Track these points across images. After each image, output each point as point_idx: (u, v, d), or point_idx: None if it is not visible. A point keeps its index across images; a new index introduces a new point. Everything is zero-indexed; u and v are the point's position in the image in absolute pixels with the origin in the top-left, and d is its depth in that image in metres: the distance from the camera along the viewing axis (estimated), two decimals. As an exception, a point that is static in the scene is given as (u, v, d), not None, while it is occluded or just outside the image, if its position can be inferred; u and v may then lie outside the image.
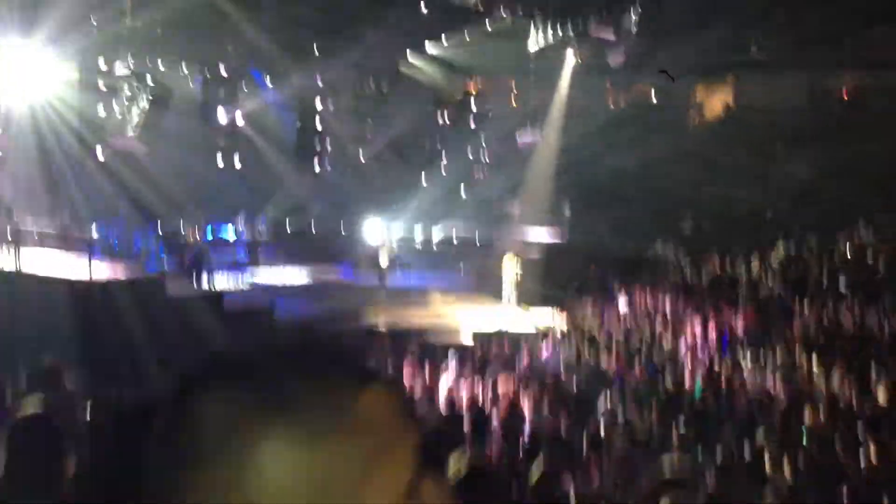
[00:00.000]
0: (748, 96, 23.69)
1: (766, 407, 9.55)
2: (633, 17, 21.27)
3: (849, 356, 10.97)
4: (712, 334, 13.25)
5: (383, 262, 20.21)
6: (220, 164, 22.75)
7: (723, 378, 10.93)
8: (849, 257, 16.18)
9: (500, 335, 15.17)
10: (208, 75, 21.91)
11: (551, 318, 16.54)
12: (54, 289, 13.96)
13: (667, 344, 12.97)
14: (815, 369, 10.62)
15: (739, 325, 13.82)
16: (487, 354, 13.64)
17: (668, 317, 14.59)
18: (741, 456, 7.91)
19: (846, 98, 23.07)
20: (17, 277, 14.96)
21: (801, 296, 14.25)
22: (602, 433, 8.91)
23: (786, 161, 20.96)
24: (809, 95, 22.96)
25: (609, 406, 9.59)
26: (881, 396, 9.41)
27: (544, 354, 13.35)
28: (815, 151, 20.27)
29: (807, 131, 21.08)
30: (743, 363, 11.47)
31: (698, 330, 13.35)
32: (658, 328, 13.94)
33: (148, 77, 19.44)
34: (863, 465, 7.30)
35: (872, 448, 7.33)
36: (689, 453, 8.27)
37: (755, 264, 16.69)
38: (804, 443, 7.96)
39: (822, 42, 20.75)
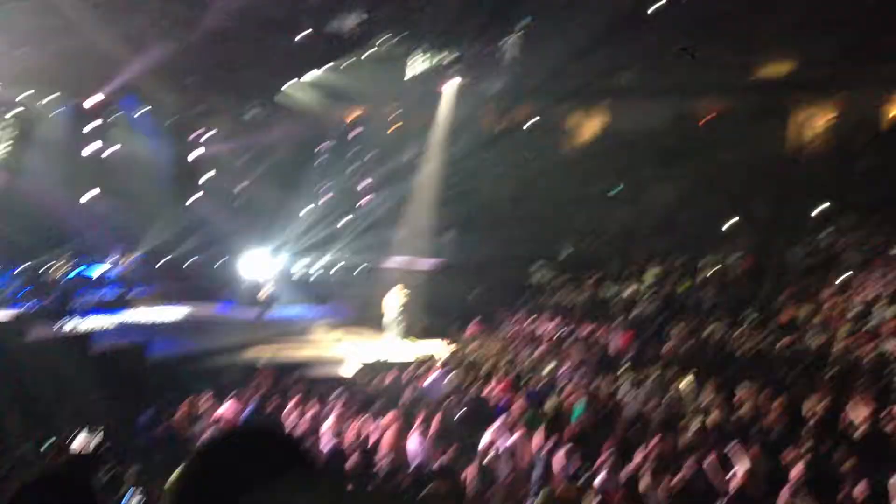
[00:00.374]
0: (617, 121, 24.61)
1: (640, 428, 9.81)
2: (512, 44, 21.80)
3: (715, 372, 11.47)
4: (591, 356, 13.58)
5: (263, 295, 19.76)
6: (89, 198, 21.72)
7: (601, 400, 11.21)
8: (710, 275, 16.99)
9: (383, 367, 15.04)
10: (77, 105, 20.97)
11: (435, 347, 16.55)
12: None
13: (547, 369, 13.18)
14: (684, 388, 11.01)
15: (617, 345, 14.24)
16: (371, 387, 13.51)
17: (548, 341, 14.86)
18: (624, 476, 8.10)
19: (705, 120, 24.34)
20: None
21: (670, 315, 14.83)
22: (487, 463, 8.97)
23: (653, 182, 21.86)
24: (673, 119, 24.10)
25: (492, 436, 9.62)
26: (745, 408, 9.87)
27: (427, 384, 13.30)
28: (680, 172, 21.24)
29: (670, 153, 22.05)
30: (620, 383, 11.78)
31: (577, 352, 13.65)
32: (539, 352, 14.16)
33: (11, 109, 18.42)
34: (731, 484, 7.58)
35: (740, 468, 7.64)
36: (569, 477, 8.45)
37: (628, 285, 17.28)
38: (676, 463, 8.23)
39: (684, 67, 21.84)
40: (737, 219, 19.20)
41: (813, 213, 18.59)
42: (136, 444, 10.06)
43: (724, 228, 18.98)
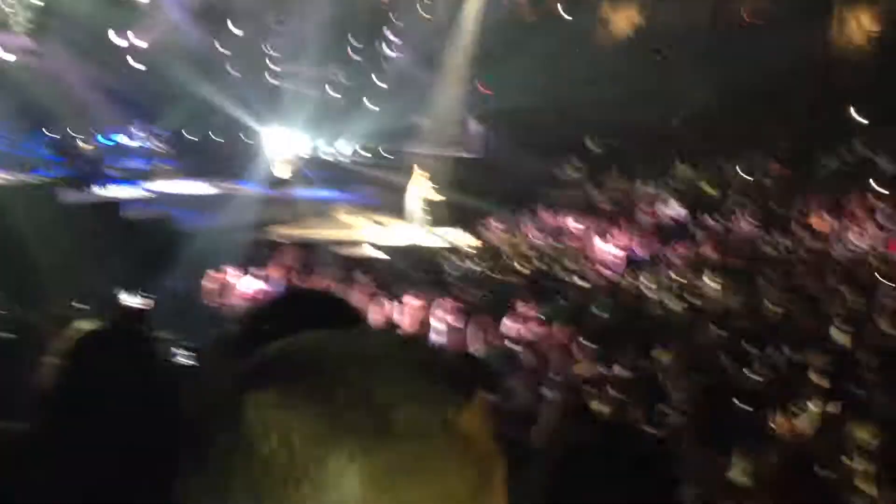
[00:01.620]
0: (655, 14, 23.83)
1: (663, 325, 9.94)
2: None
3: (740, 274, 11.53)
4: (616, 253, 13.64)
5: (287, 174, 19.75)
6: (118, 68, 21.45)
7: (625, 295, 11.33)
8: (745, 179, 16.84)
9: (406, 250, 15.19)
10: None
11: (458, 236, 16.63)
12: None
13: (572, 262, 13.26)
14: (710, 286, 11.09)
15: (641, 243, 14.27)
16: (394, 269, 13.70)
17: (574, 235, 14.91)
18: (641, 372, 8.25)
19: (747, 20, 23.53)
20: None
21: (697, 216, 14.80)
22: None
23: (688, 82, 21.34)
24: (712, 16, 23.31)
25: (512, 323, 9.79)
26: (770, 313, 9.97)
27: (449, 267, 13.45)
28: (717, 72, 20.70)
29: (708, 53, 21.43)
30: (643, 281, 11.87)
31: (602, 248, 13.71)
32: (563, 246, 14.23)
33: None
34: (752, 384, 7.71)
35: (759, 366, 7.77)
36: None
37: (656, 184, 17.17)
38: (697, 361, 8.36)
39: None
40: (772, 123, 18.81)
41: (851, 120, 18.17)
42: (168, 310, 10.28)
43: (758, 132, 18.62)
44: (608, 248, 13.90)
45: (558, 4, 24.69)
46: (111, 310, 7.36)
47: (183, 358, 4.88)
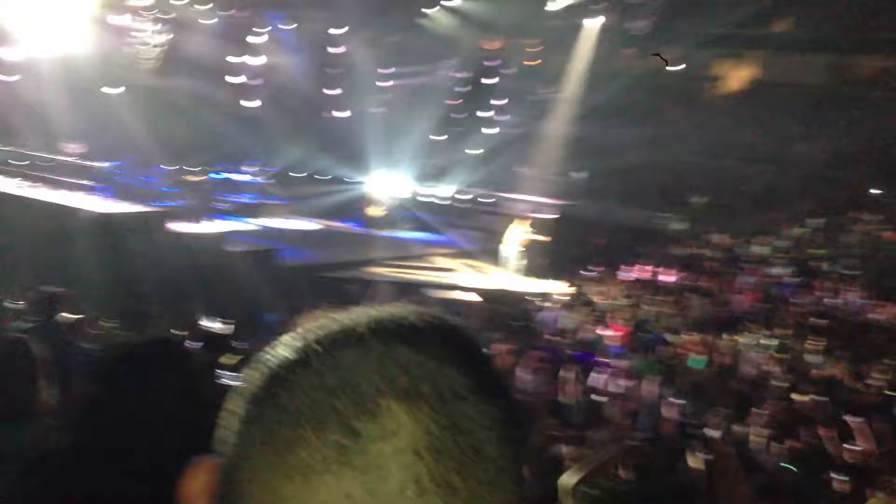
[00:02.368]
0: (767, 72, 23.38)
1: (760, 386, 9.57)
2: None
3: (847, 341, 11.00)
4: (714, 311, 13.26)
5: (388, 215, 20.18)
6: (233, 107, 22.57)
7: (722, 355, 10.97)
8: (854, 242, 16.14)
9: (500, 297, 15.19)
10: (227, 16, 21.67)
11: (553, 286, 16.52)
12: (61, 217, 14.00)
13: (668, 317, 12.97)
14: (810, 352, 10.63)
15: (742, 302, 13.84)
16: (486, 315, 13.68)
17: (671, 291, 14.58)
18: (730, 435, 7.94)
19: (868, 80, 22.77)
20: (25, 203, 15.00)
21: (805, 279, 14.24)
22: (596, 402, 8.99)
23: (800, 140, 20.77)
24: (831, 75, 22.70)
25: (603, 377, 9.62)
26: (875, 383, 9.44)
27: (543, 317, 13.36)
28: (830, 131, 20.09)
29: (822, 111, 20.84)
30: (742, 341, 11.49)
31: (700, 305, 13.35)
32: (660, 301, 13.94)
33: (167, 12, 19.21)
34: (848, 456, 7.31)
35: (862, 442, 7.35)
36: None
37: (762, 244, 16.65)
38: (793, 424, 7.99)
39: (849, 21, 20.52)
40: (886, 186, 18.05)
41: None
42: (261, 341, 10.58)
43: (871, 194, 17.88)
44: (706, 306, 13.53)
45: (667, 60, 24.55)
46: (195, 334, 7.64)
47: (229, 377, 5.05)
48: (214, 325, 8.93)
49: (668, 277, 15.74)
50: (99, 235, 13.34)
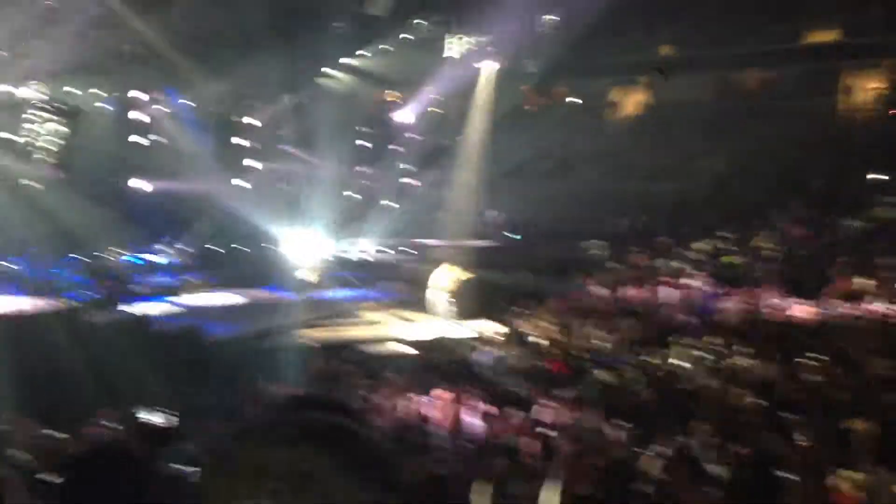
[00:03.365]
0: (661, 94, 24.33)
1: (699, 398, 9.77)
2: (547, 22, 21.67)
3: (774, 343, 11.37)
4: (643, 329, 13.53)
5: (311, 276, 19.96)
6: (136, 187, 22.12)
7: (657, 372, 11.18)
8: (766, 247, 16.76)
9: (434, 345, 15.15)
10: (119, 97, 21.34)
11: (484, 326, 16.59)
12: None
13: (601, 341, 13.16)
14: (742, 358, 10.93)
15: (669, 318, 14.16)
16: (422, 364, 13.62)
17: (600, 315, 14.82)
18: (680, 447, 8.06)
19: (753, 91, 23.95)
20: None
21: (725, 287, 14.69)
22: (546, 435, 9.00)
23: (700, 156, 21.60)
24: (718, 90, 23.83)
25: (548, 409, 9.66)
26: (808, 379, 9.77)
27: (479, 359, 13.37)
28: (727, 144, 20.97)
29: (717, 126, 21.77)
30: (674, 355, 11.73)
31: (629, 325, 13.61)
32: (591, 326, 14.14)
33: (59, 101, 18.78)
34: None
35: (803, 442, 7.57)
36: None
37: (678, 259, 17.13)
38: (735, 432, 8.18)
39: (728, 38, 21.64)
40: (786, 191, 18.90)
41: (866, 184, 18.22)
42: (200, 426, 10.27)
43: (774, 201, 18.67)
44: (635, 325, 13.80)
45: (566, 90, 25.33)
46: (134, 428, 7.37)
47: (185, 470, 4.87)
48: (154, 418, 8.60)
49: (595, 302, 16.02)
50: (14, 336, 12.78)
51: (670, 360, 11.58)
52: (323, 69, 23.86)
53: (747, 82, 23.93)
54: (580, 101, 25.31)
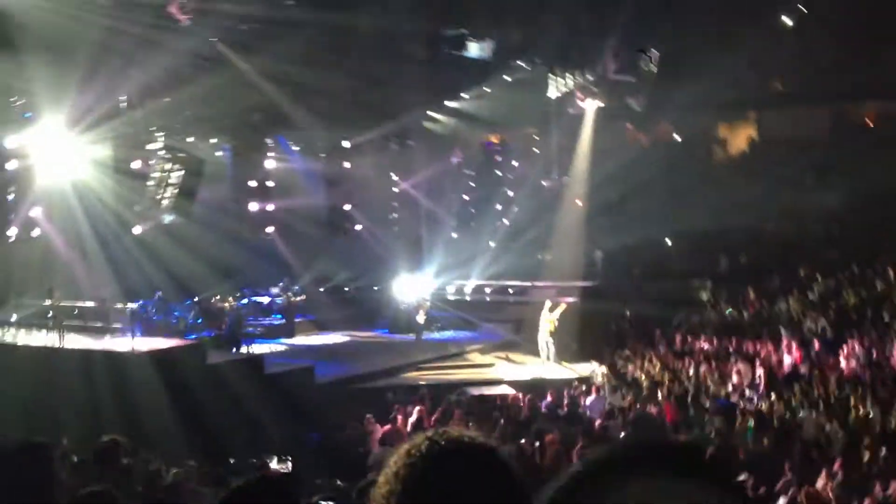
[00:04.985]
0: (770, 130, 23.68)
1: (823, 448, 9.36)
2: (651, 59, 21.45)
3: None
4: (758, 373, 13.06)
5: (419, 318, 20.24)
6: (252, 232, 22.99)
7: (775, 419, 10.77)
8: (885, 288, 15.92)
9: (540, 387, 15.04)
10: (236, 145, 22.30)
11: (591, 368, 16.38)
12: (96, 362, 14.12)
13: (713, 386, 12.79)
14: (868, 407, 10.41)
15: (785, 362, 13.63)
16: (528, 408, 13.54)
17: (711, 358, 14.42)
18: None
19: (871, 126, 22.98)
20: (59, 353, 15.15)
21: (845, 330, 14.05)
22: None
23: (813, 192, 20.83)
24: (832, 125, 22.97)
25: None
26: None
27: (587, 404, 13.20)
28: (842, 180, 20.14)
29: (830, 161, 20.98)
30: (793, 402, 11.28)
31: (743, 370, 13.17)
32: (702, 371, 13.76)
33: (179, 152, 19.79)
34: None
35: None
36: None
37: (795, 299, 16.50)
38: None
39: (842, 71, 20.86)
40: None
41: None
42: (310, 464, 10.52)
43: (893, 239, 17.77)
44: (748, 370, 13.34)
45: (670, 126, 24.95)
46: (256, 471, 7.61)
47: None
48: (274, 464, 8.86)
49: (706, 344, 15.59)
50: (135, 376, 13.42)
51: (791, 407, 11.14)
52: (426, 112, 24.30)
53: (861, 117, 23.00)
54: (685, 138, 24.88)
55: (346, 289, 22.93)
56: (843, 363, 12.73)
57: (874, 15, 19.28)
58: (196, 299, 19.71)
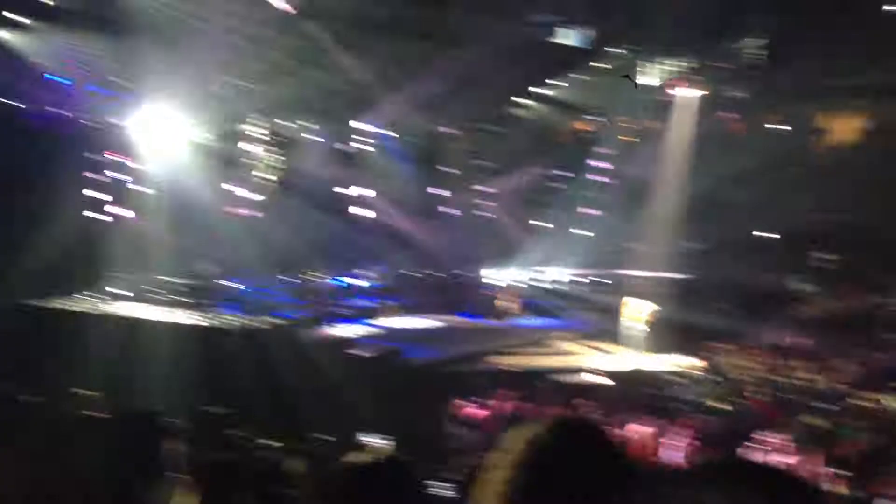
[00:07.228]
0: (880, 120, 22.59)
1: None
2: (752, 45, 20.73)
3: None
4: (862, 370, 12.57)
5: (507, 305, 20.23)
6: (341, 213, 23.38)
7: (878, 415, 10.35)
8: None
9: (628, 377, 14.83)
10: (330, 126, 22.70)
11: (682, 361, 16.05)
12: (194, 338, 14.68)
13: (812, 383, 12.37)
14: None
15: (887, 359, 13.08)
16: (618, 396, 13.36)
17: (814, 354, 13.94)
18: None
19: None
20: (159, 326, 15.81)
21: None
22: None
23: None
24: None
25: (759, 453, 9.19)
26: None
27: (682, 394, 12.95)
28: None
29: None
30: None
31: (847, 366, 12.68)
32: (800, 367, 13.32)
33: (275, 133, 20.30)
34: None
35: None
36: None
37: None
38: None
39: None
40: None
41: None
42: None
43: None
44: (849, 366, 12.84)
45: (771, 116, 24.07)
46: (353, 447, 7.69)
47: (439, 489, 5.03)
48: (375, 441, 8.98)
49: (804, 340, 15.07)
50: (245, 351, 13.87)
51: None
52: (516, 99, 24.13)
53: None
54: (787, 128, 23.97)
55: (437, 273, 23.08)
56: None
57: None
58: (292, 279, 20.21)
